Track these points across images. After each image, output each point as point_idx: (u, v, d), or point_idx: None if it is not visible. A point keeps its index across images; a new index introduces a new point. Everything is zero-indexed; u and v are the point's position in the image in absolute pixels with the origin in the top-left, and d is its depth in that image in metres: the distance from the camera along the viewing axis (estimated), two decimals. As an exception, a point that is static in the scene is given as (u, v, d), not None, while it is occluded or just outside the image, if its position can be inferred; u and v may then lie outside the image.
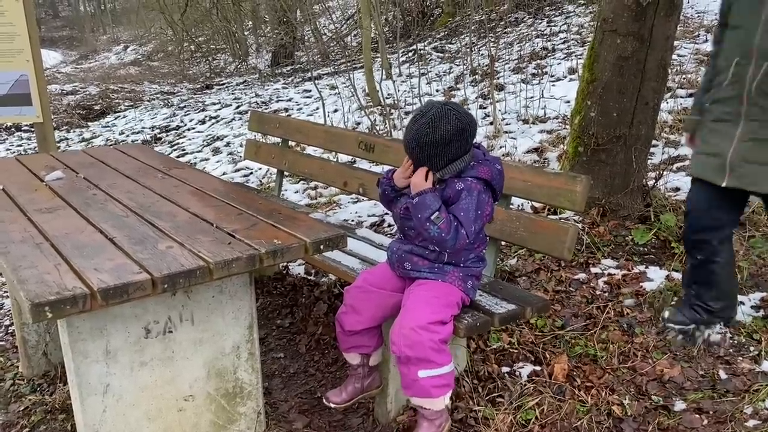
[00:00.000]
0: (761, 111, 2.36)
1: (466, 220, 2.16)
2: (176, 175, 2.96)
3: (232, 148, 7.54)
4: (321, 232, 2.12)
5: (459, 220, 2.15)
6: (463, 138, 2.17)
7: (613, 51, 3.37)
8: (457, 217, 2.16)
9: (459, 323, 2.22)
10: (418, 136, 2.16)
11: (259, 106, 9.51)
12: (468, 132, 2.18)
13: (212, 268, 1.88)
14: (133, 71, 16.62)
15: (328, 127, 3.82)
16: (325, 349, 3.16)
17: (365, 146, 3.31)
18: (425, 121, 2.15)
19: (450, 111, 2.15)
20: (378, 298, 2.36)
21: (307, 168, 3.76)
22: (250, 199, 2.54)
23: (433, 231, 2.13)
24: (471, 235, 2.17)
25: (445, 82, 8.45)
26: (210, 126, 8.99)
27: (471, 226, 2.16)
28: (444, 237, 2.12)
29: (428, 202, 2.13)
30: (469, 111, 2.25)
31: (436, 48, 10.91)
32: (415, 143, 2.18)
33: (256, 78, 12.54)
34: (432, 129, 2.13)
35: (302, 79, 11.26)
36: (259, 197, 2.61)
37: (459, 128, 2.15)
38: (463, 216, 2.16)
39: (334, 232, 2.13)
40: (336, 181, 3.54)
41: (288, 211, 2.39)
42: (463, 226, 2.15)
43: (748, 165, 2.40)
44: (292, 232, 2.12)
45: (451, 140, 2.14)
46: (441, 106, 2.17)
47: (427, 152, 2.17)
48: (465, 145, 2.20)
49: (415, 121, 2.18)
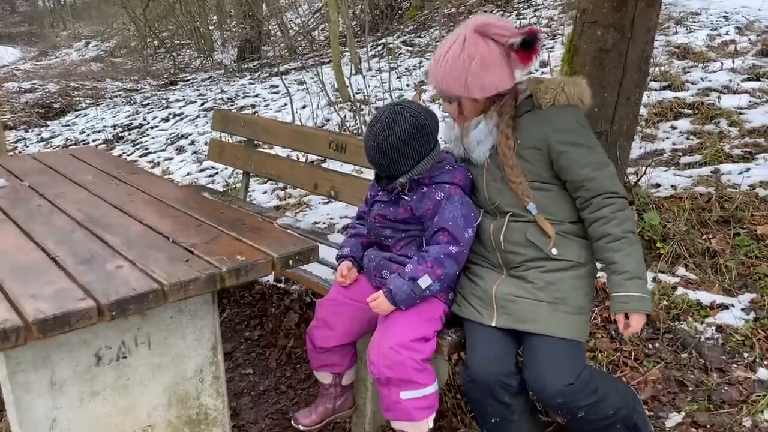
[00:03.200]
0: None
1: (456, 229, 2.00)
2: (132, 181, 2.74)
3: (196, 146, 7.28)
4: (289, 246, 1.93)
5: (449, 231, 2.00)
6: (424, 134, 2.03)
7: (593, 43, 3.22)
8: (446, 229, 2.00)
9: (442, 340, 2.05)
10: (376, 143, 2.01)
11: (224, 102, 9.23)
12: (427, 127, 2.04)
13: (167, 291, 1.68)
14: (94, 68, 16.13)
15: (297, 126, 3.62)
16: (298, 364, 2.98)
17: (336, 146, 3.11)
18: (380, 126, 2.02)
19: (403, 110, 2.02)
20: (353, 312, 2.18)
21: (274, 169, 3.55)
22: (211, 208, 2.33)
23: (435, 286, 2.01)
24: (466, 243, 2.02)
25: (415, 76, 8.28)
26: (174, 124, 8.70)
27: (463, 233, 2.01)
28: (448, 274, 2.01)
29: (404, 288, 2.00)
30: (427, 106, 2.10)
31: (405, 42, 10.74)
32: (374, 151, 2.03)
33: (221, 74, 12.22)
34: (388, 132, 1.99)
35: (269, 74, 10.99)
36: (222, 205, 2.41)
37: (416, 125, 2.01)
38: (451, 225, 2.00)
39: (303, 244, 1.95)
40: (306, 183, 3.34)
41: (253, 221, 2.19)
42: (455, 237, 1.99)
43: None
44: (257, 246, 1.92)
45: (410, 139, 2.01)
46: (392, 107, 2.04)
47: (390, 157, 2.02)
48: (428, 142, 2.05)
49: (370, 129, 2.05)
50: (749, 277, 2.98)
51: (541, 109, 2.00)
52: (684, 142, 4.65)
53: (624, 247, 1.91)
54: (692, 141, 4.63)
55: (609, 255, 1.93)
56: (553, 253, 1.98)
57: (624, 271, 1.90)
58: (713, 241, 3.24)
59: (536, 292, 1.97)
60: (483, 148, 2.07)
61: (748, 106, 5.02)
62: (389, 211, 2.12)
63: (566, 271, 1.99)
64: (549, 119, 1.98)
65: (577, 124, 2.00)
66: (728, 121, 4.79)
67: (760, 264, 3.02)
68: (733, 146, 4.39)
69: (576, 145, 1.96)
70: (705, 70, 6.00)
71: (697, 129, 4.77)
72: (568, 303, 1.96)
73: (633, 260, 1.91)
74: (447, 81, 2.01)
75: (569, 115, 1.99)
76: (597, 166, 1.96)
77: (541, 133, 1.98)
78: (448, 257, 1.99)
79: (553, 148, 1.96)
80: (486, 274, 2.07)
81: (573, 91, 2.00)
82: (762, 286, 2.89)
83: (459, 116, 2.11)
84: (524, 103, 2.05)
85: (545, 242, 1.98)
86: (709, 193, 3.65)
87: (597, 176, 1.94)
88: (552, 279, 1.98)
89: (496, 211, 2.07)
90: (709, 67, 6.07)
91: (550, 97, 1.99)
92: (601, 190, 1.94)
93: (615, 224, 1.92)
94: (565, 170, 1.97)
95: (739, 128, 4.67)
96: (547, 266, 1.98)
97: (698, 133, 4.71)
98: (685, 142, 4.64)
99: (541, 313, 1.95)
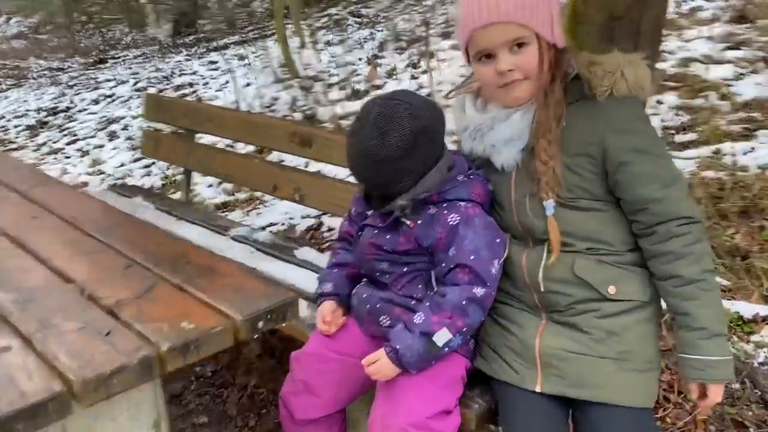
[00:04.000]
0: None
1: (480, 264, 1.48)
2: (39, 197, 2.09)
3: (130, 131, 6.57)
4: (257, 300, 1.36)
5: (470, 268, 1.47)
6: (429, 138, 1.49)
7: (602, 9, 2.72)
8: (467, 265, 1.47)
9: (467, 409, 1.54)
10: (365, 155, 1.46)
11: (159, 81, 8.47)
12: (433, 128, 1.50)
13: (77, 393, 1.11)
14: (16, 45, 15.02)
15: (249, 115, 3.03)
16: (263, 408, 2.43)
17: (300, 139, 2.54)
18: (369, 130, 1.46)
19: (399, 106, 1.47)
20: (341, 370, 1.65)
21: (222, 167, 2.95)
22: (144, 236, 1.74)
23: (455, 342, 1.48)
24: (493, 282, 1.51)
25: (367, 49, 7.69)
26: (105, 106, 7.92)
27: (489, 268, 1.49)
28: (472, 324, 1.50)
29: (415, 347, 1.47)
30: (426, 97, 1.56)
31: (353, 12, 10.12)
32: (363, 165, 1.48)
33: (155, 50, 11.34)
34: (381, 139, 1.44)
35: (207, 49, 10.21)
36: (158, 232, 1.82)
37: (419, 127, 1.46)
38: (474, 261, 1.47)
39: (276, 296, 1.38)
40: (263, 185, 2.76)
41: (202, 257, 1.61)
42: (479, 275, 1.47)
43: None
44: (211, 303, 1.35)
45: (412, 147, 1.46)
46: (384, 102, 1.49)
47: (385, 172, 1.47)
48: (435, 147, 1.52)
49: (356, 135, 1.49)
50: (789, 279, 2.58)
51: (594, 100, 1.47)
52: (674, 118, 4.24)
53: (700, 295, 1.42)
54: (683, 117, 4.24)
55: (679, 303, 1.45)
56: (611, 293, 1.48)
57: (700, 328, 1.42)
58: (738, 236, 2.83)
59: (595, 346, 1.47)
60: (513, 150, 1.53)
61: (734, 77, 4.67)
62: (386, 240, 1.59)
63: (629, 314, 1.49)
64: (606, 115, 1.46)
65: (641, 123, 1.49)
66: (718, 95, 4.42)
67: (796, 264, 2.63)
68: (729, 122, 4.01)
69: (642, 153, 1.45)
70: (680, 38, 5.64)
71: (686, 104, 4.38)
72: (636, 358, 1.48)
73: (712, 312, 1.43)
74: (525, 8, 1.40)
75: (631, 111, 1.48)
76: (667, 181, 1.45)
77: (595, 135, 1.46)
78: (471, 302, 1.48)
79: (612, 155, 1.45)
80: (521, 318, 1.56)
81: (635, 77, 1.47)
82: (804, 292, 2.49)
83: (522, 82, 1.47)
84: (570, 88, 1.51)
85: (601, 279, 1.48)
86: (719, 179, 3.25)
87: (666, 196, 1.44)
88: (613, 327, 1.48)
89: (528, 236, 1.55)
90: (683, 35, 5.72)
91: (608, 84, 1.46)
92: (672, 215, 1.44)
93: (689, 263, 1.43)
94: (624, 186, 1.46)
95: (731, 102, 4.29)
96: (604, 309, 1.49)
97: (688, 109, 4.32)
98: (675, 119, 4.23)
99: (604, 374, 1.45)
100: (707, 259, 1.45)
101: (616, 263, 1.50)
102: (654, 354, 1.52)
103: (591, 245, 1.49)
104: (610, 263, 1.50)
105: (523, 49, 1.43)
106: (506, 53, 1.44)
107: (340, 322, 1.68)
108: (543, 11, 1.43)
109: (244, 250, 2.43)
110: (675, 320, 1.47)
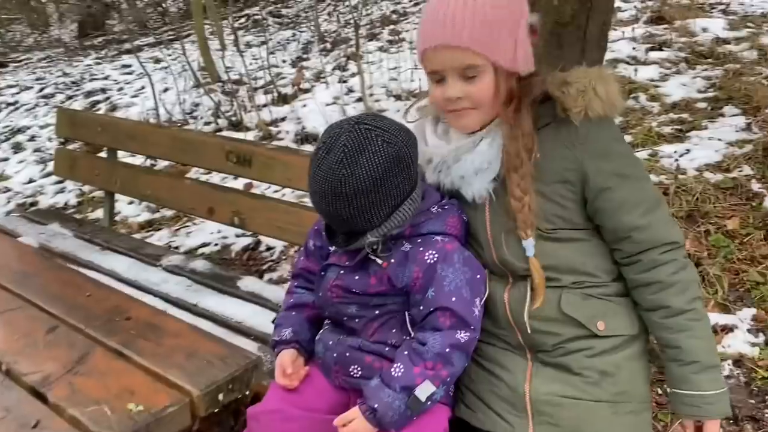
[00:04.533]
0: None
1: (463, 306, 1.33)
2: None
3: (38, 143, 6.11)
4: (217, 366, 1.17)
5: (452, 311, 1.33)
6: (404, 166, 1.34)
7: (549, 15, 2.62)
8: (448, 308, 1.33)
9: (452, 467, 1.40)
10: (332, 186, 1.29)
11: (68, 87, 7.94)
12: (407, 157, 1.35)
13: None
14: None
15: (179, 130, 2.79)
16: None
17: (237, 158, 2.33)
18: (336, 158, 1.29)
19: (370, 131, 1.31)
20: (308, 428, 1.46)
21: (150, 188, 2.69)
22: (70, 285, 1.50)
23: (439, 394, 1.33)
24: (477, 324, 1.37)
25: (291, 52, 7.46)
26: (7, 115, 7.33)
27: (471, 309, 1.35)
28: (456, 372, 1.35)
29: (395, 405, 1.31)
30: (396, 121, 1.39)
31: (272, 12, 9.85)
32: (329, 198, 1.31)
33: (61, 52, 10.66)
34: (350, 169, 1.28)
35: (118, 51, 9.69)
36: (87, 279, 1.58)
37: (393, 155, 1.31)
38: (456, 302, 1.33)
39: (238, 360, 1.19)
40: (196, 208, 2.53)
41: (141, 310, 1.39)
42: (462, 318, 1.33)
43: None
44: (160, 372, 1.15)
45: (384, 178, 1.30)
46: (354, 127, 1.31)
47: (354, 206, 1.30)
48: (409, 177, 1.36)
49: (320, 164, 1.31)
50: (740, 286, 2.57)
51: (568, 123, 1.35)
52: (608, 120, 4.26)
53: (690, 326, 1.32)
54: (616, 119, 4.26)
55: (669, 336, 1.35)
56: (600, 329, 1.37)
57: (692, 361, 1.32)
58: (687, 243, 2.81)
59: (589, 389, 1.35)
60: (484, 181, 1.39)
61: (660, 77, 4.75)
62: (354, 282, 1.42)
63: (620, 350, 1.39)
64: (583, 139, 1.34)
65: (619, 145, 1.39)
66: (647, 96, 4.47)
67: (746, 269, 2.63)
68: (660, 123, 4.05)
69: (624, 178, 1.34)
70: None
71: (618, 105, 4.41)
72: (632, 398, 1.37)
73: (703, 344, 1.33)
74: (482, 33, 1.27)
75: (608, 133, 1.36)
76: (650, 206, 1.35)
77: (573, 160, 1.34)
78: (455, 350, 1.33)
79: (592, 182, 1.34)
80: (507, 360, 1.42)
81: (607, 93, 1.35)
82: (758, 298, 2.49)
83: (471, 112, 1.36)
84: (541, 111, 1.39)
85: (589, 315, 1.37)
86: (662, 184, 3.25)
87: (650, 222, 1.33)
88: (606, 366, 1.37)
89: (507, 272, 1.42)
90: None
91: (582, 104, 1.33)
92: (655, 242, 1.34)
93: (676, 292, 1.33)
94: (606, 214, 1.35)
95: (660, 103, 4.35)
96: (596, 347, 1.37)
97: (620, 110, 4.35)
98: (610, 121, 4.25)
99: (600, 419, 1.34)
100: (695, 286, 1.36)
101: (603, 296, 1.39)
102: (646, 391, 1.42)
103: (576, 278, 1.38)
104: (596, 296, 1.39)
105: (476, 78, 1.31)
106: (456, 79, 1.32)
107: (302, 374, 1.50)
108: (504, 38, 1.29)
109: (180, 284, 2.21)
110: (664, 353, 1.38)
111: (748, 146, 3.43)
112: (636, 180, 1.36)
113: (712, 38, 5.09)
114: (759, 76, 4.28)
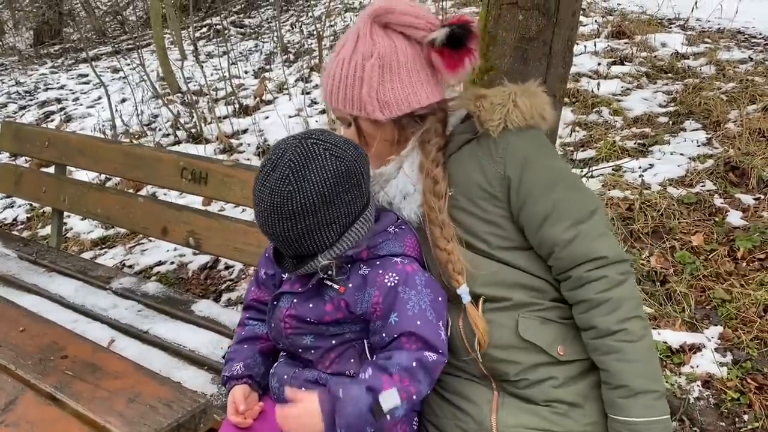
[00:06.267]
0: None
1: (429, 330, 1.26)
2: None
3: (-13, 156, 5.84)
4: (162, 412, 1.07)
5: (417, 336, 1.25)
6: (353, 183, 1.26)
7: (513, 30, 2.57)
8: (414, 333, 1.25)
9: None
10: (277, 204, 1.22)
11: (21, 96, 7.69)
12: (358, 173, 1.28)
13: None
14: None
15: (131, 146, 2.65)
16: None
17: (192, 175, 2.23)
18: (281, 175, 1.22)
19: (317, 145, 1.24)
20: (264, 466, 1.38)
21: (100, 207, 2.56)
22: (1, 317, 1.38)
23: (400, 411, 1.23)
24: (444, 348, 1.29)
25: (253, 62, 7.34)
26: (-45, 126, 7.03)
27: (438, 333, 1.28)
28: (420, 392, 1.26)
29: (362, 401, 1.22)
30: (345, 137, 1.33)
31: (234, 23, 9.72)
32: (273, 218, 1.23)
33: (15, 61, 10.35)
34: (296, 185, 1.21)
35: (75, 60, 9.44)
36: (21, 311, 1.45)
37: (343, 170, 1.24)
38: (421, 326, 1.26)
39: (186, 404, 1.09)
40: (149, 227, 2.41)
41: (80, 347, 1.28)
42: (428, 342, 1.26)
43: None
44: (97, 420, 1.04)
45: (333, 195, 1.23)
46: (301, 141, 1.25)
47: (301, 227, 1.23)
48: (361, 195, 1.29)
49: (264, 180, 1.24)
50: (707, 304, 2.55)
51: (487, 137, 1.32)
52: (572, 134, 4.26)
53: (619, 347, 1.26)
54: (579, 133, 4.26)
55: (597, 358, 1.29)
56: (561, 354, 1.31)
57: (619, 386, 1.26)
58: (653, 259, 2.79)
59: (560, 420, 1.28)
60: (412, 205, 1.38)
61: (622, 92, 4.78)
62: (308, 310, 1.33)
63: (585, 377, 1.32)
64: (504, 150, 1.31)
65: (544, 154, 1.34)
66: (609, 109, 4.49)
67: (711, 286, 2.61)
68: (623, 138, 4.06)
69: (549, 187, 1.30)
70: (567, 52, 5.74)
71: (581, 119, 4.41)
72: (604, 427, 1.31)
73: (634, 368, 1.25)
74: (337, 94, 1.38)
75: (531, 142, 1.33)
76: (580, 217, 1.29)
77: (495, 174, 1.31)
78: (421, 366, 1.25)
79: (515, 193, 1.30)
80: (471, 391, 1.35)
81: (530, 105, 1.32)
82: (725, 316, 2.47)
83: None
84: (460, 130, 1.38)
85: (549, 339, 1.30)
86: (626, 198, 3.23)
87: (576, 235, 1.28)
88: (574, 398, 1.30)
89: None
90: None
91: (499, 117, 1.31)
92: (581, 258, 1.28)
93: (606, 311, 1.26)
94: (528, 227, 1.31)
95: (623, 117, 4.37)
96: (559, 376, 1.31)
97: (583, 124, 4.35)
98: (574, 135, 4.25)
99: None
100: (630, 304, 1.28)
101: (561, 319, 1.33)
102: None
103: (526, 295, 1.32)
104: (554, 320, 1.33)
105: (351, 127, 1.42)
106: (342, 127, 1.46)
107: (256, 410, 1.41)
108: (350, 93, 1.37)
109: (130, 309, 2.09)
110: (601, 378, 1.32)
111: (709, 161, 3.44)
112: (564, 191, 1.31)
113: (671, 53, 5.15)
114: (717, 91, 4.32)
